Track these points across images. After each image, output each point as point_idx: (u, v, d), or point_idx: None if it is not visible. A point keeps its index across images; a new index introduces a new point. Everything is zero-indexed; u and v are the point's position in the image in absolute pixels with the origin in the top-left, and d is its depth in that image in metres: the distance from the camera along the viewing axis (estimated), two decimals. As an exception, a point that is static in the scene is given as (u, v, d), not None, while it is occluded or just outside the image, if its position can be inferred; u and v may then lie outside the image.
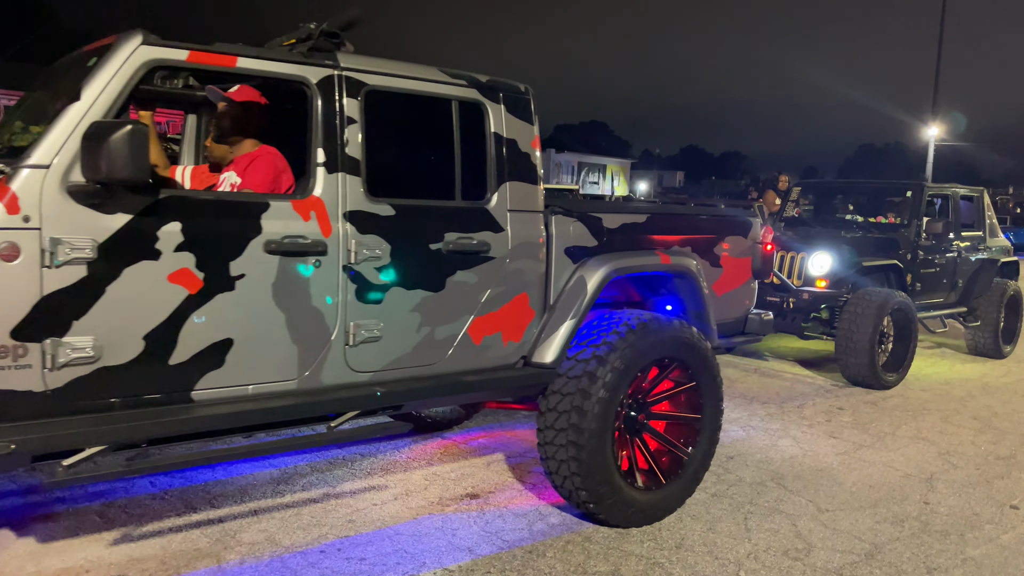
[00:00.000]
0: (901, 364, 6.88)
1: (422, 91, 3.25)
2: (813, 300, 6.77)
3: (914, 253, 7.45)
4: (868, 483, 4.45)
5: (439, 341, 3.27)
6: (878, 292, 6.69)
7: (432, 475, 4.22)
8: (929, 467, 4.80)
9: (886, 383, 6.67)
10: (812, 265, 6.82)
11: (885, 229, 7.82)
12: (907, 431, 5.54)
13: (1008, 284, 8.47)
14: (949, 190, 8.22)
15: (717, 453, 4.74)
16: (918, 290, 7.50)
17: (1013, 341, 8.71)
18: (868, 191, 9.30)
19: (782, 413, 5.82)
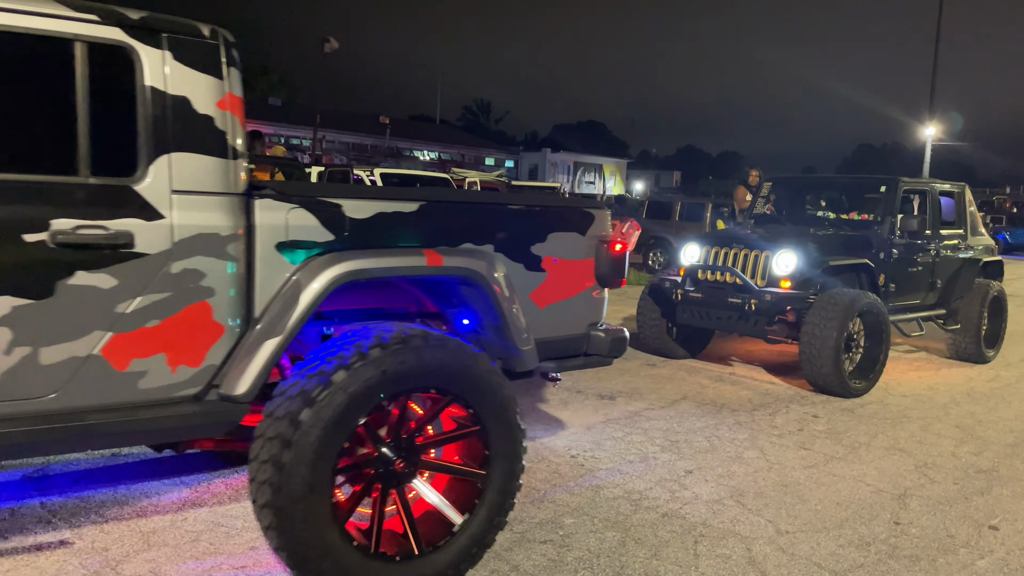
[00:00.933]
0: (871, 371, 6.44)
1: (24, 28, 2.37)
2: (776, 302, 6.32)
3: (888, 252, 7.05)
4: (835, 500, 4.10)
5: (47, 367, 2.41)
6: (845, 293, 6.24)
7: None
8: (904, 481, 4.45)
9: (853, 391, 6.22)
10: (776, 264, 6.43)
11: (858, 226, 7.37)
12: (883, 441, 5.20)
13: (991, 285, 7.99)
14: (927, 185, 7.75)
15: (674, 467, 4.40)
16: (892, 291, 7.10)
17: (996, 345, 8.24)
18: (841, 187, 8.73)
19: (752, 421, 5.47)
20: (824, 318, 6.05)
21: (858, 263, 6.79)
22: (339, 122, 62.17)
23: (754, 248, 6.59)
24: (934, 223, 7.58)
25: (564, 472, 4.25)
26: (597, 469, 4.34)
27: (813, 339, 6.05)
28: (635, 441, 4.87)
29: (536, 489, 3.99)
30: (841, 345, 6.02)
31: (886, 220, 7.13)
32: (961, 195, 8.14)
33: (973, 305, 7.80)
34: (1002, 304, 8.23)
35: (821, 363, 6.05)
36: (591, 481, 4.15)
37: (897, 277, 7.14)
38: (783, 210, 8.20)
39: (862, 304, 6.19)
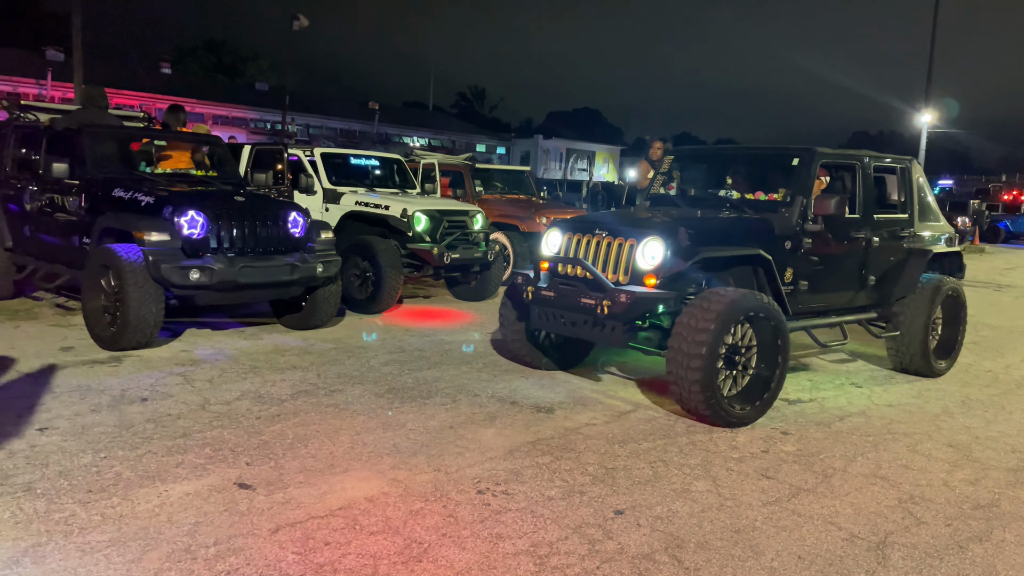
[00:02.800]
0: (763, 392, 5.04)
1: None
2: (633, 304, 4.80)
3: (797, 240, 5.56)
4: (798, 552, 3.28)
5: None
6: (722, 294, 4.82)
7: None
8: (884, 523, 3.63)
9: (733, 418, 4.86)
10: (640, 256, 5.02)
11: (764, 208, 5.78)
12: (863, 466, 4.38)
13: (943, 282, 6.53)
14: (856, 159, 6.18)
15: (603, 505, 3.56)
16: (804, 290, 5.67)
17: (951, 355, 6.79)
18: (749, 160, 6.93)
19: (709, 441, 4.65)
20: (692, 327, 4.66)
21: (749, 254, 5.36)
22: (327, 108, 61.19)
23: (618, 235, 5.17)
24: (866, 205, 6.12)
25: (462, 516, 3.42)
26: (505, 511, 3.51)
27: (679, 354, 4.69)
28: (563, 469, 4.04)
29: (418, 542, 3.16)
30: (714, 361, 4.66)
31: (796, 201, 5.59)
32: (907, 172, 6.63)
33: (919, 306, 6.34)
34: (959, 305, 6.79)
35: (689, 384, 4.68)
36: (492, 529, 3.32)
37: (811, 272, 5.70)
38: (691, 190, 6.76)
39: (746, 308, 4.80)
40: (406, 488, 3.68)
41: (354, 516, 3.35)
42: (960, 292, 6.78)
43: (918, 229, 6.61)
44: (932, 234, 6.76)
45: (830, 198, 5.48)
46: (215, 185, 7.01)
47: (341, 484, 3.68)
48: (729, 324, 4.72)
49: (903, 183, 6.60)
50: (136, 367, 5.47)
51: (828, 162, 6.02)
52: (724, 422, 4.82)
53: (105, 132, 6.92)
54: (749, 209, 5.81)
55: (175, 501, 3.40)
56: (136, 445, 4.02)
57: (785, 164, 5.96)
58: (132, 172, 6.81)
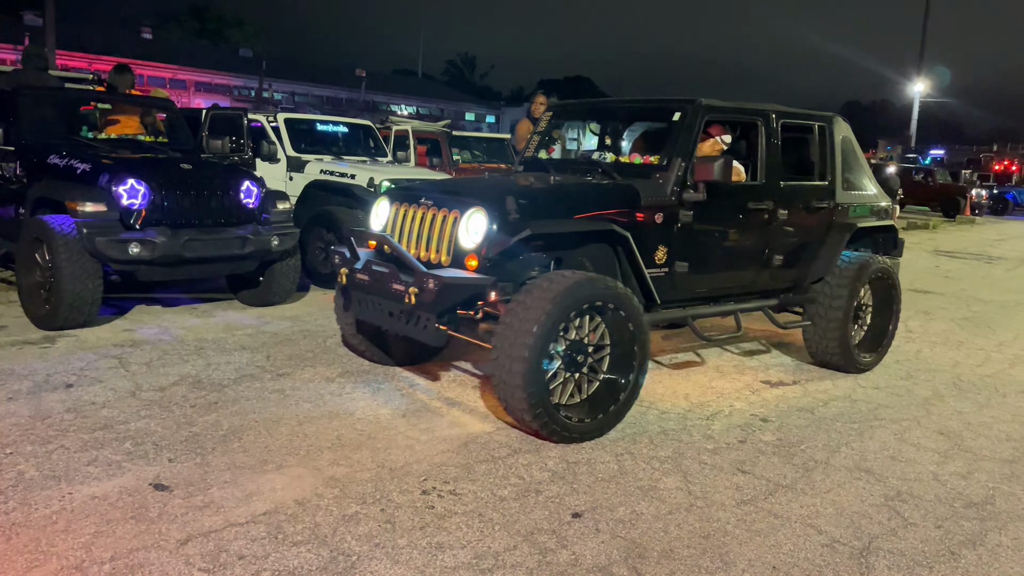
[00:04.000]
0: (609, 403, 4.08)
1: None
2: (441, 291, 3.84)
3: (671, 212, 4.54)
4: (772, 562, 2.95)
5: None
6: (555, 281, 3.83)
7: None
8: (869, 525, 3.30)
9: (574, 432, 3.94)
10: (463, 232, 4.08)
11: (636, 173, 4.72)
12: (847, 458, 4.05)
13: (869, 261, 5.51)
14: (757, 114, 5.07)
15: (560, 506, 3.21)
16: (682, 272, 4.65)
17: (881, 347, 5.82)
18: (629, 115, 5.76)
19: (683, 430, 4.31)
20: (517, 322, 3.74)
21: (598, 230, 4.31)
22: (313, 75, 60.15)
23: (442, 206, 4.23)
24: (771, 170, 5.07)
25: (401, 522, 3.07)
26: (450, 514, 3.15)
27: (501, 354, 3.78)
28: (520, 464, 3.69)
29: (346, 554, 2.80)
30: (539, 363, 3.73)
31: (673, 164, 4.56)
32: (827, 131, 5.53)
33: (837, 290, 5.40)
34: (891, 288, 5.78)
35: (511, 390, 3.76)
36: (432, 537, 2.97)
37: (693, 251, 4.71)
38: (573, 152, 5.80)
39: (588, 296, 3.86)
40: (343, 488, 3.32)
41: (278, 523, 2.99)
42: (892, 274, 5.74)
43: (841, 199, 5.56)
44: (858, 205, 5.71)
45: (713, 161, 4.42)
46: (163, 152, 6.55)
47: (271, 484, 3.32)
48: (563, 317, 3.78)
49: (823, 145, 5.52)
50: (69, 348, 5.07)
51: (720, 118, 4.98)
52: (559, 437, 3.89)
53: (42, 94, 6.44)
54: (620, 174, 4.71)
55: (78, 506, 3.03)
56: (48, 439, 3.64)
57: (667, 120, 4.88)
58: (72, 137, 6.34)
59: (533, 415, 3.78)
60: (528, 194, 4.31)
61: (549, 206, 4.29)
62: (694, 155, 4.61)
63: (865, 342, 5.76)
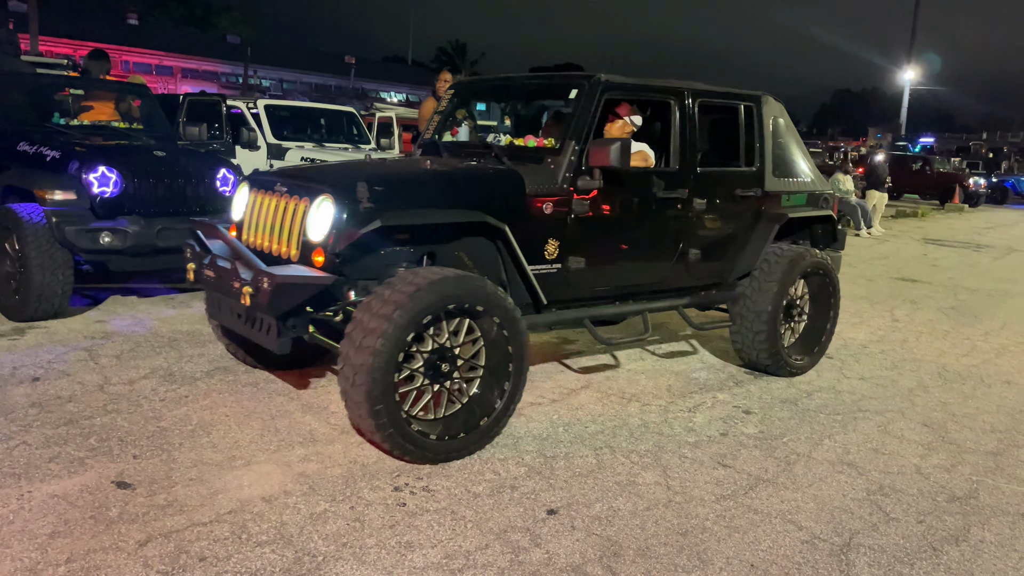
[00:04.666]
0: (485, 412, 3.62)
1: None
2: (276, 292, 3.35)
3: (565, 201, 4.05)
4: (750, 560, 2.88)
5: None
6: (410, 280, 3.32)
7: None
8: (850, 520, 3.24)
9: (437, 453, 3.47)
10: (312, 222, 3.59)
11: (529, 157, 4.19)
12: (829, 451, 3.99)
13: (802, 255, 5.00)
14: (669, 92, 4.54)
15: (535, 503, 3.14)
16: (577, 268, 4.15)
17: (818, 347, 5.33)
18: (529, 93, 5.14)
19: (664, 423, 4.23)
20: (363, 327, 3.26)
21: (469, 221, 3.76)
22: (302, 62, 59.67)
23: (295, 192, 3.75)
24: (686, 154, 4.56)
25: (370, 521, 2.98)
26: (422, 512, 3.07)
27: (346, 364, 3.29)
28: (496, 459, 3.61)
29: (311, 555, 2.71)
30: (386, 373, 3.22)
31: (566, 148, 4.06)
32: (755, 112, 5.01)
33: (764, 286, 4.92)
34: (828, 284, 5.29)
35: (355, 404, 3.30)
36: (402, 536, 2.88)
37: (590, 245, 4.20)
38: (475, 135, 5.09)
39: (449, 297, 3.34)
40: (312, 485, 3.23)
41: (243, 522, 2.90)
42: (829, 268, 5.22)
43: (771, 187, 5.04)
44: (793, 193, 5.20)
45: (608, 144, 3.92)
46: (138, 139, 6.40)
47: (238, 481, 3.23)
48: (417, 322, 3.26)
49: (749, 127, 4.99)
50: (38, 341, 4.95)
51: (625, 96, 4.47)
52: (414, 457, 3.42)
53: (11, 79, 6.28)
54: (513, 158, 4.20)
55: (37, 505, 2.93)
56: (10, 435, 3.53)
57: (564, 98, 4.39)
58: (43, 124, 6.19)
59: (384, 435, 3.30)
60: (386, 180, 3.72)
61: (411, 194, 3.73)
62: (591, 138, 4.09)
63: (799, 343, 5.29)
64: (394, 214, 3.53)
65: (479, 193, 3.89)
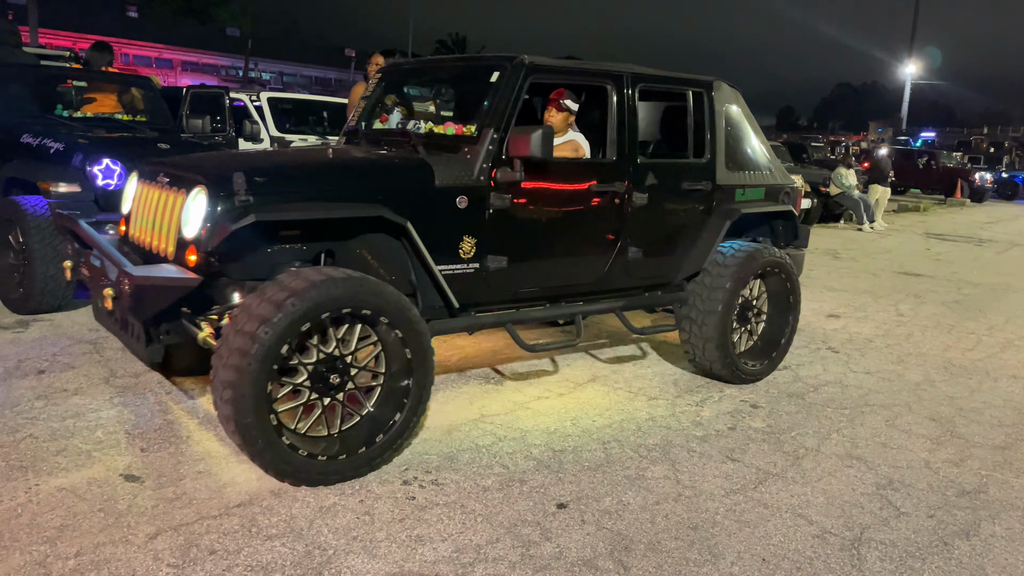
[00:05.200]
0: (383, 426, 3.26)
1: None
2: (137, 295, 3.07)
3: (482, 195, 3.67)
4: (761, 553, 2.88)
5: None
6: (286, 283, 2.96)
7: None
8: (860, 515, 3.23)
9: (321, 473, 3.12)
10: (187, 215, 3.25)
11: (446, 146, 3.81)
12: (837, 445, 3.98)
13: (757, 252, 4.63)
14: (605, 77, 4.17)
15: (544, 496, 3.13)
16: (497, 268, 3.79)
17: (775, 353, 4.95)
18: (452, 77, 4.85)
19: (672, 416, 4.22)
20: (232, 338, 2.90)
21: (365, 216, 3.35)
22: (302, 55, 59.46)
23: (175, 183, 3.42)
24: (624, 144, 4.19)
25: (379, 514, 2.97)
26: (431, 506, 3.06)
27: (216, 378, 2.93)
28: (504, 452, 3.60)
29: (322, 548, 2.70)
30: (258, 387, 2.87)
31: (483, 136, 3.68)
32: (704, 99, 4.62)
33: (714, 287, 4.55)
34: (786, 284, 4.91)
35: (226, 423, 2.97)
36: (412, 530, 2.87)
37: (512, 243, 3.83)
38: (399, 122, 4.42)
39: (333, 301, 2.98)
40: (321, 478, 3.21)
41: (253, 515, 2.89)
42: (787, 267, 4.84)
43: (723, 179, 4.68)
44: (749, 187, 4.84)
45: (529, 133, 3.56)
46: (141, 131, 6.38)
47: (247, 474, 3.22)
48: (294, 331, 2.91)
49: (699, 116, 4.62)
50: (42, 333, 4.93)
51: (553, 80, 4.09)
52: (297, 480, 3.09)
53: (14, 72, 6.25)
54: (431, 147, 3.83)
55: (44, 498, 2.92)
56: (16, 428, 3.52)
57: (484, 79, 3.95)
58: (46, 116, 6.16)
59: (260, 457, 2.97)
60: (270, 171, 3.37)
61: (298, 186, 3.32)
62: (512, 125, 3.72)
63: (757, 348, 4.95)
64: (272, 208, 3.14)
65: (378, 185, 3.47)
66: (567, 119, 4.36)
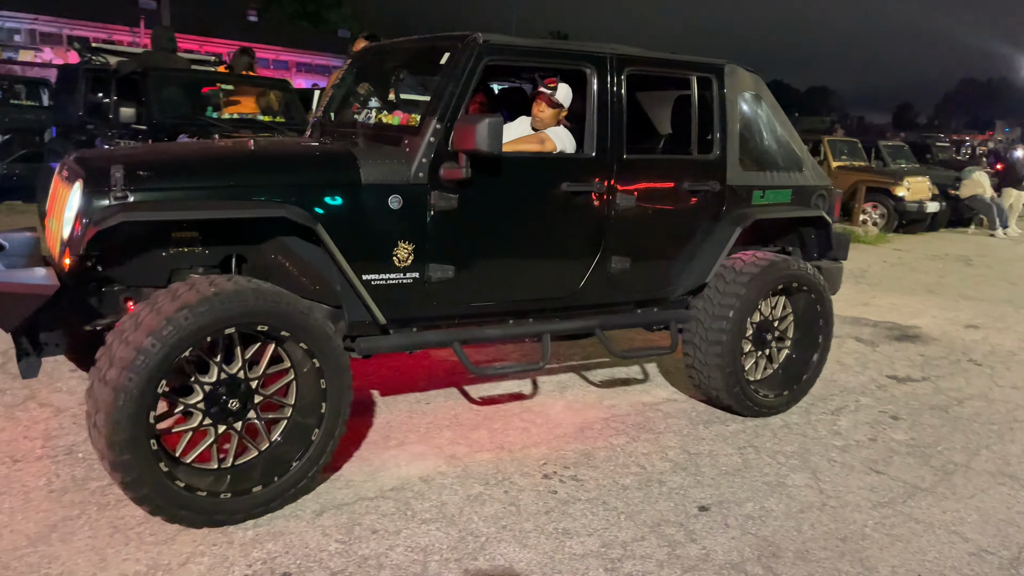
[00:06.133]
0: (286, 465, 2.89)
1: None
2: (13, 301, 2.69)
3: (420, 194, 3.15)
4: (916, 569, 2.80)
5: None
6: (178, 293, 2.64)
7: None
8: (1017, 534, 3.09)
9: (209, 514, 2.72)
10: (65, 215, 2.87)
11: (390, 138, 3.32)
12: (987, 461, 3.80)
13: (777, 264, 3.98)
14: (584, 59, 3.55)
15: (684, 499, 3.14)
16: (442, 278, 3.26)
17: (799, 384, 4.27)
18: (409, 60, 4.11)
19: (807, 424, 4.14)
20: (108, 358, 2.55)
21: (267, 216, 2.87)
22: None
23: (69, 178, 2.98)
24: (607, 137, 3.58)
25: (525, 505, 3.06)
26: (574, 500, 3.12)
27: (90, 400, 2.58)
28: (639, 452, 3.63)
29: (475, 535, 2.81)
30: (137, 417, 2.50)
31: (425, 127, 3.16)
32: (712, 85, 3.96)
33: (722, 303, 3.91)
34: (815, 303, 4.21)
35: (99, 447, 2.56)
36: (558, 523, 2.94)
37: (460, 248, 3.30)
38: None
39: (230, 316, 2.62)
40: (465, 468, 3.34)
41: (407, 499, 3.03)
42: (814, 283, 4.14)
43: (736, 179, 4.00)
44: (770, 188, 4.16)
45: (474, 123, 3.00)
46: (280, 131, 6.74)
47: (395, 460, 3.38)
48: (179, 352, 2.54)
49: (706, 106, 3.97)
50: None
51: (518, 63, 3.58)
52: (185, 521, 2.71)
53: (170, 75, 6.72)
54: (378, 139, 3.39)
55: (217, 473, 3.15)
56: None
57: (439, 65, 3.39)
58: (198, 117, 6.59)
59: (141, 498, 2.59)
60: (161, 164, 2.90)
61: (190, 182, 2.83)
62: (460, 115, 3.17)
63: (774, 377, 4.26)
64: (148, 205, 2.69)
65: (287, 181, 2.97)
66: (558, 115, 3.78)
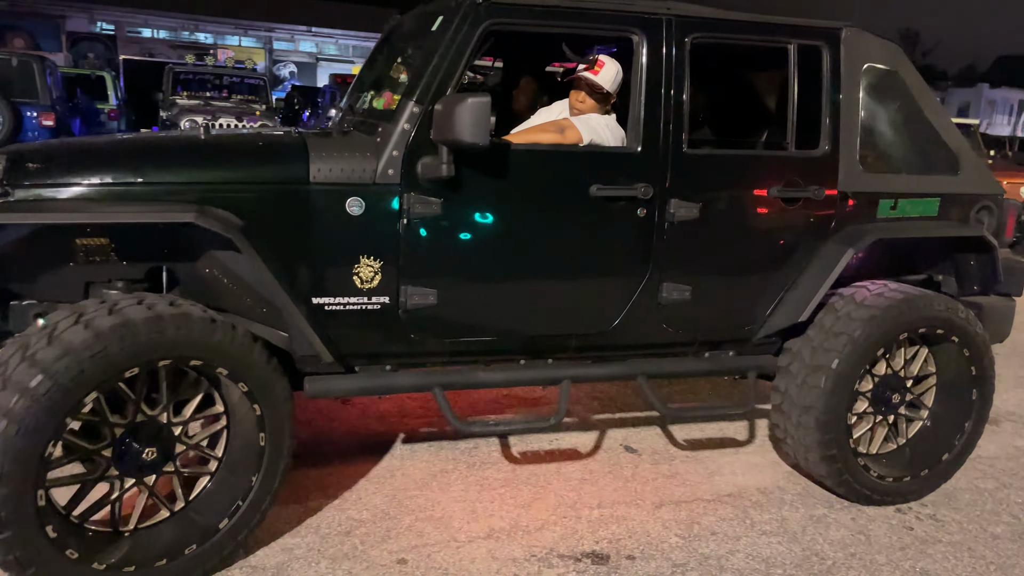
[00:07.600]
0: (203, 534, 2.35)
1: None
2: None
3: (387, 194, 2.49)
4: None
5: None
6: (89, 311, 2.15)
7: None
8: None
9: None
10: None
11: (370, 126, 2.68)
12: None
13: (906, 302, 2.88)
14: (628, 23, 2.67)
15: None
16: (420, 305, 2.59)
17: (928, 469, 3.11)
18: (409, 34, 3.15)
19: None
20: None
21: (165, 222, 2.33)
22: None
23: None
24: (655, 124, 2.71)
25: (876, 537, 2.87)
26: (933, 541, 2.85)
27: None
28: (1012, 502, 3.20)
29: (820, 556, 2.71)
30: (22, 480, 2.01)
31: (401, 111, 2.51)
32: (823, 57, 2.92)
33: (820, 354, 2.89)
34: (965, 357, 3.04)
35: None
36: (915, 561, 2.71)
37: (444, 265, 2.61)
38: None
39: (136, 354, 2.12)
40: (805, 487, 3.23)
41: (744, 508, 3.02)
42: (963, 329, 2.98)
43: (854, 184, 2.98)
44: (904, 197, 3.06)
45: (455, 103, 2.32)
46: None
47: (731, 467, 3.37)
48: (75, 397, 2.05)
49: (811, 84, 2.93)
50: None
51: (531, 29, 2.66)
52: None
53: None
54: (363, 127, 2.76)
55: (562, 452, 3.42)
56: (533, 388, 4.17)
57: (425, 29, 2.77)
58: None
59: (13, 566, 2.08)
60: (66, 156, 2.40)
61: (93, 177, 2.33)
62: (437, 90, 2.49)
63: (900, 455, 3.15)
64: (26, 206, 2.26)
65: (211, 178, 2.40)
66: (605, 107, 2.95)
